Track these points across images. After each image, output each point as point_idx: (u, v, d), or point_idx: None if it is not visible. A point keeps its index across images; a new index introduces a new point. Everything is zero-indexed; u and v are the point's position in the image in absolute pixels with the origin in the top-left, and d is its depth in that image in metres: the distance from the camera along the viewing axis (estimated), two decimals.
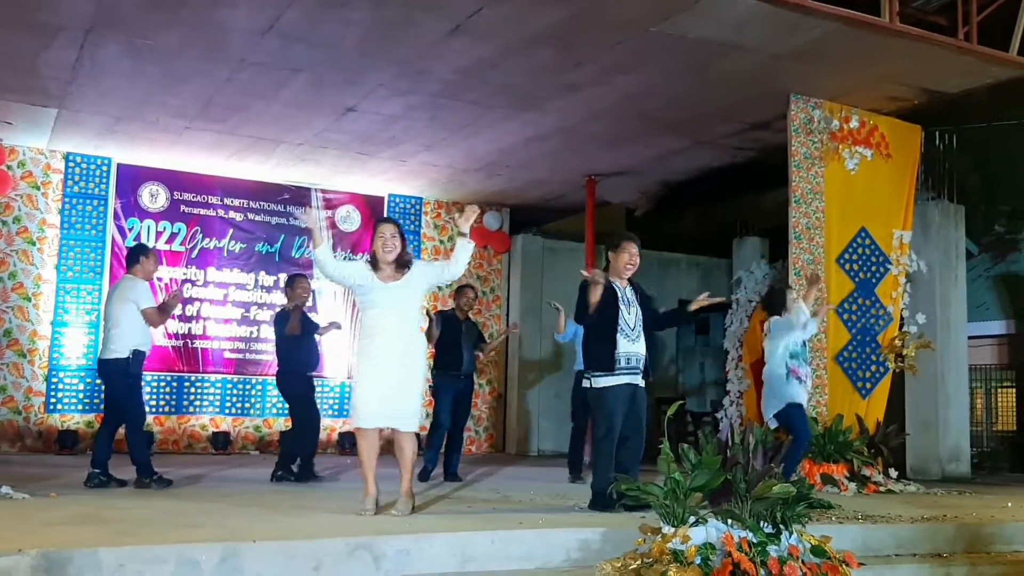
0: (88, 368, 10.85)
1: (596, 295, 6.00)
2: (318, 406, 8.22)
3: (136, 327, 6.86)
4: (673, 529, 4.50)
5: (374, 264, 5.65)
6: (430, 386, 8.53)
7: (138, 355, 6.86)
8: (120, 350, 6.81)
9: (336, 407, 11.94)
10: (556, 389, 12.76)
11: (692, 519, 4.54)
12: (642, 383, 6.12)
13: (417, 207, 12.83)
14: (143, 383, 7.15)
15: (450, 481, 8.08)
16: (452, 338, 8.40)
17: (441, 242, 13.03)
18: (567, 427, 12.00)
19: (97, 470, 6.86)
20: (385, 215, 12.54)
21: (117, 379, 6.88)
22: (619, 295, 6.12)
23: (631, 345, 6.06)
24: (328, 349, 11.05)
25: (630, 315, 6.11)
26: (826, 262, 8.84)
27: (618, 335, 6.02)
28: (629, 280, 6.28)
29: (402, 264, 5.68)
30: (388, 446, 5.67)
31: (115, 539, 4.14)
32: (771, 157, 9.94)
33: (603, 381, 6.02)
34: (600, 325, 6.10)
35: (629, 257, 6.18)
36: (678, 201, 12.76)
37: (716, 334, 13.20)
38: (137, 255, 7.11)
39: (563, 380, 12.58)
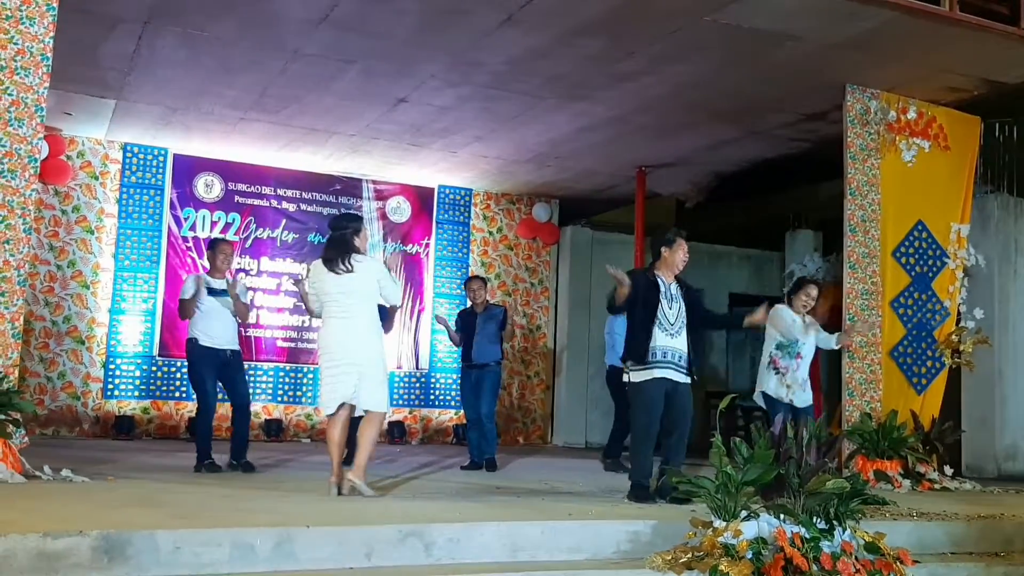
0: (145, 355, 11.05)
1: (622, 295, 6.08)
2: None
3: (195, 319, 7.32)
4: (725, 523, 4.48)
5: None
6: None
7: (189, 342, 7.28)
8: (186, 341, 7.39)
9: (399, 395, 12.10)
10: (604, 381, 12.71)
11: (744, 513, 4.51)
12: (684, 379, 6.11)
13: (467, 198, 12.86)
14: (223, 364, 7.36)
15: (487, 470, 8.18)
16: (466, 332, 8.70)
17: (490, 233, 13.04)
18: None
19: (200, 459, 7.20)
20: (435, 207, 12.60)
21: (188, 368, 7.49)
22: (662, 289, 6.15)
23: (669, 340, 6.06)
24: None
25: (671, 310, 6.12)
26: (882, 255, 8.70)
27: (655, 328, 6.03)
28: (676, 276, 6.28)
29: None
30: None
31: (172, 522, 4.21)
32: (826, 149, 9.80)
33: (639, 375, 6.05)
34: (639, 318, 6.12)
35: (684, 254, 6.22)
36: (729, 193, 12.64)
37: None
38: (208, 249, 7.70)
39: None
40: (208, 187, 11.53)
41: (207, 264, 7.69)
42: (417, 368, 12.37)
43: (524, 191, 13.03)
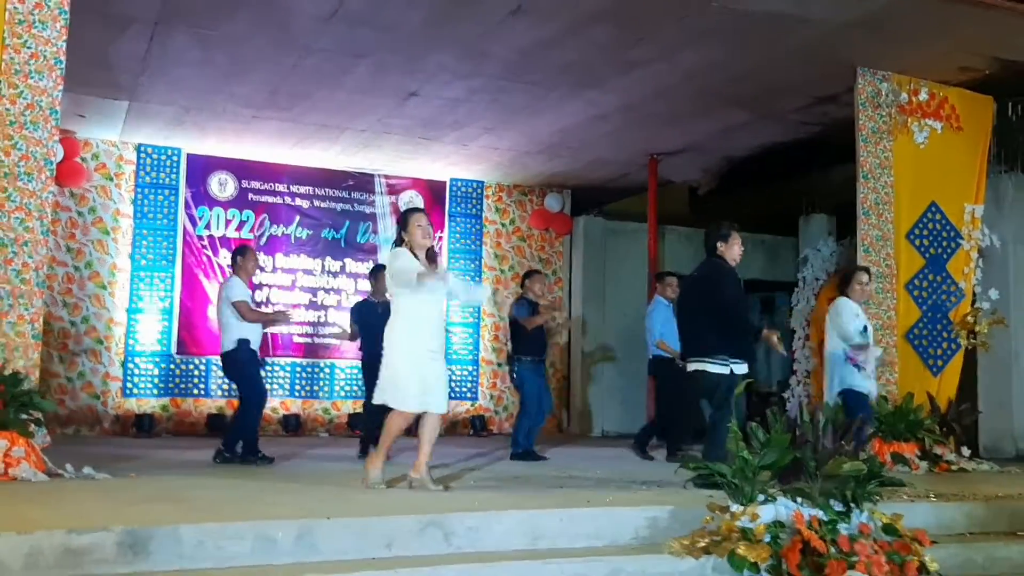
0: (163, 354, 11.13)
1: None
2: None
3: (241, 322, 7.50)
4: (742, 507, 4.49)
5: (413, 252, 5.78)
6: (514, 374, 8.52)
7: (243, 343, 7.46)
8: (228, 343, 7.50)
9: None
10: (619, 370, 12.77)
11: (761, 497, 4.52)
12: None
13: (479, 191, 12.88)
14: (265, 367, 8.11)
15: (533, 460, 8.21)
16: (539, 327, 8.46)
17: (503, 225, 13.05)
18: (630, 408, 12.12)
19: (241, 451, 7.42)
20: (447, 199, 12.63)
21: (230, 367, 7.60)
22: None
23: None
24: None
25: None
26: (896, 238, 8.68)
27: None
28: None
29: (433, 254, 5.92)
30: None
31: (194, 516, 4.25)
32: (838, 132, 9.76)
33: (740, 368, 6.20)
34: (741, 313, 6.34)
35: (740, 247, 6.39)
36: (742, 179, 12.60)
37: (782, 314, 13.05)
38: (235, 256, 7.84)
39: (626, 362, 12.58)
40: (222, 186, 11.58)
41: (241, 269, 7.69)
42: None
43: (536, 182, 13.04)
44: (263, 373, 8.04)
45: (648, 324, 9.02)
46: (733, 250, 6.33)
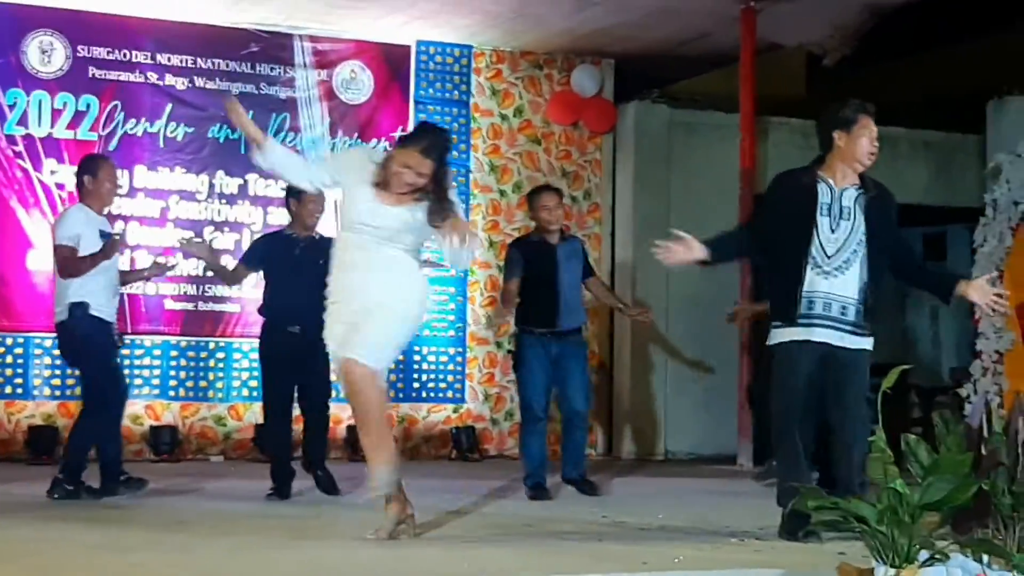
0: None
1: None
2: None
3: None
4: (893, 570, 4.58)
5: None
6: (512, 354, 8.88)
7: (78, 309, 7.50)
8: (60, 309, 7.62)
9: None
10: (695, 352, 12.85)
11: (924, 555, 4.61)
12: (850, 342, 6.23)
13: (464, 61, 12.85)
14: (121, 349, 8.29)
15: (587, 494, 8.44)
16: (538, 274, 8.57)
17: (503, 117, 12.98)
18: (714, 417, 12.21)
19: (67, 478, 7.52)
20: (413, 76, 12.59)
21: (65, 346, 7.83)
22: (820, 197, 6.24)
23: (827, 281, 6.18)
24: None
25: (835, 233, 6.22)
26: None
27: (807, 265, 6.15)
28: (863, 177, 6.35)
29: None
30: None
31: None
32: None
33: (779, 335, 6.23)
34: (781, 247, 6.26)
35: (871, 142, 6.29)
36: (895, 43, 12.60)
37: (957, 256, 13.11)
38: (82, 173, 7.97)
39: (707, 338, 12.66)
40: (46, 54, 11.53)
41: (92, 194, 7.88)
42: None
43: (558, 46, 12.98)
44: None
45: None
46: (858, 144, 6.32)
